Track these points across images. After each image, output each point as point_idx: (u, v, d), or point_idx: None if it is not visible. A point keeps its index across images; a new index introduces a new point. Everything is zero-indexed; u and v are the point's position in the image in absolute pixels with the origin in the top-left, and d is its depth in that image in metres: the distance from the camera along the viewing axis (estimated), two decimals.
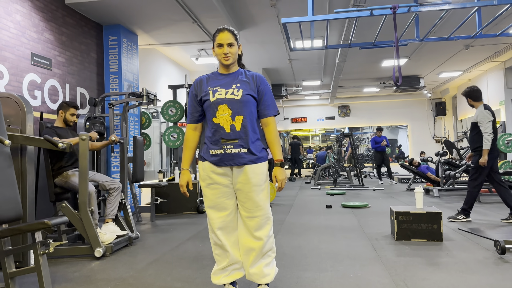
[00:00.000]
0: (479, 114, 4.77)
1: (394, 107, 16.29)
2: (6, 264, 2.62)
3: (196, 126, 2.38)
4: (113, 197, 3.98)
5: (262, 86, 2.30)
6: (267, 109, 2.31)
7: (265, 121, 2.33)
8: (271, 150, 2.32)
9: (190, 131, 2.37)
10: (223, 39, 2.22)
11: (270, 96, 2.32)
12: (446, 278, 2.73)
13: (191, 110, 2.35)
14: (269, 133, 2.32)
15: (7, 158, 2.77)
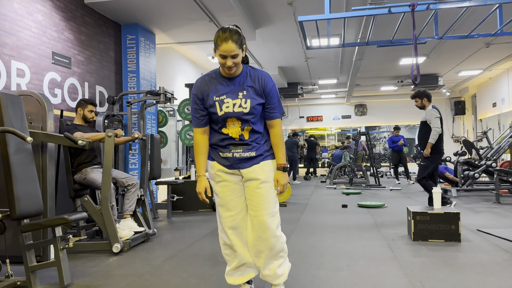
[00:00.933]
0: (427, 112, 5.19)
1: (412, 106, 16.01)
2: (27, 258, 2.69)
3: (204, 130, 2.28)
4: (131, 193, 4.04)
5: (268, 88, 2.20)
6: (273, 111, 2.23)
7: (270, 123, 2.27)
8: (275, 153, 2.27)
9: (199, 136, 2.28)
10: (227, 51, 2.04)
11: (276, 97, 2.23)
12: (463, 279, 2.69)
13: (197, 114, 2.24)
14: (274, 136, 2.26)
15: (29, 154, 2.84)
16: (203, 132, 2.28)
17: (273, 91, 2.22)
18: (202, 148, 2.27)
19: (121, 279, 2.88)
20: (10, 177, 2.63)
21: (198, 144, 2.27)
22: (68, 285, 2.74)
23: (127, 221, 3.96)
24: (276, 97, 2.23)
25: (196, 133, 2.29)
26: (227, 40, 2.02)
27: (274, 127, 2.26)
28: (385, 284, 2.63)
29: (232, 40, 2.03)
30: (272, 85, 2.21)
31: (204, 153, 2.29)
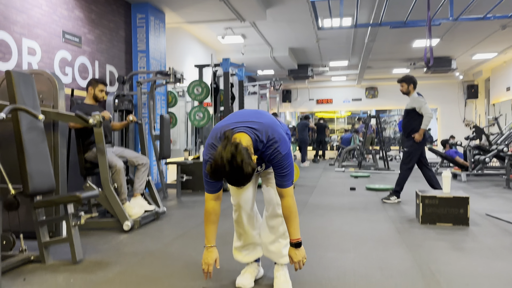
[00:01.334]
0: (415, 100, 5.14)
1: (424, 89, 15.80)
2: (41, 233, 2.76)
3: (217, 196, 2.07)
4: (141, 172, 4.09)
5: (277, 161, 1.98)
6: (283, 179, 2.01)
7: (280, 191, 2.04)
8: (287, 227, 2.05)
9: (211, 202, 2.06)
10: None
11: (287, 166, 1.99)
12: (471, 263, 2.70)
13: (209, 183, 2.04)
14: (285, 208, 2.03)
15: (41, 133, 2.87)
16: (216, 198, 2.08)
17: (284, 161, 1.99)
18: (212, 216, 2.08)
19: (132, 256, 2.94)
20: (23, 155, 2.67)
21: (209, 212, 2.07)
22: (80, 261, 2.80)
23: (137, 199, 4.02)
24: (287, 166, 2.00)
25: (208, 199, 2.08)
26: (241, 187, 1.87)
27: (285, 197, 2.02)
28: (392, 266, 2.65)
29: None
30: (281, 156, 1.97)
31: (215, 221, 2.09)
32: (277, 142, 1.97)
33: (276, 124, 2.07)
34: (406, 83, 5.26)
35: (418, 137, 5.04)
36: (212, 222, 2.07)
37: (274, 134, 1.98)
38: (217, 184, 2.03)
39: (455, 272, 2.52)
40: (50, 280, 2.44)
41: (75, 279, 2.45)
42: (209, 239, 2.08)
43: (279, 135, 1.99)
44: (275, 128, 2.02)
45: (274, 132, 1.99)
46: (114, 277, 2.49)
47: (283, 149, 1.98)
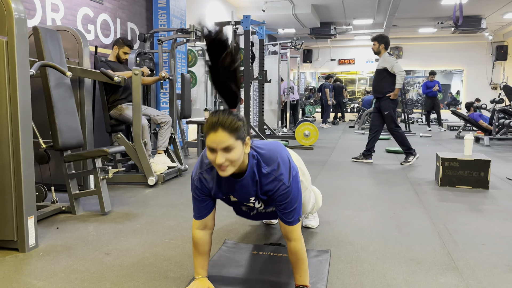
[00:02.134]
0: (386, 59, 5.15)
1: (451, 50, 15.28)
2: (71, 186, 2.90)
3: (206, 223, 1.72)
4: (164, 130, 4.18)
5: (281, 199, 1.60)
6: (287, 217, 1.62)
7: (284, 231, 1.64)
8: (294, 272, 1.67)
9: (197, 232, 1.72)
10: (216, 141, 1.42)
11: (292, 201, 1.61)
12: (488, 224, 2.73)
13: (197, 202, 1.71)
14: (292, 253, 1.63)
15: (68, 89, 2.95)
16: (202, 226, 1.72)
17: (288, 197, 1.60)
18: (202, 247, 1.73)
19: (157, 208, 3.08)
20: (52, 110, 2.77)
21: (196, 242, 1.72)
22: (109, 212, 2.95)
23: (160, 156, 4.13)
24: (293, 200, 1.61)
25: (194, 228, 1.73)
26: (215, 128, 1.42)
27: (291, 240, 1.62)
28: (409, 224, 2.70)
29: (223, 127, 1.41)
30: (285, 194, 1.59)
31: (205, 252, 1.74)
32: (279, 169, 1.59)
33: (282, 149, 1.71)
34: (378, 42, 5.25)
35: (393, 96, 5.10)
36: (200, 254, 1.73)
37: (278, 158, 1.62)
38: (205, 207, 1.70)
39: (472, 232, 2.56)
40: (82, 229, 2.59)
41: (104, 228, 2.60)
42: (198, 271, 1.75)
43: (282, 159, 1.62)
44: (281, 151, 1.67)
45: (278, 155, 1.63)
46: (141, 227, 2.63)
47: (287, 177, 1.59)
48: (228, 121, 1.41)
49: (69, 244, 2.32)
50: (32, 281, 1.84)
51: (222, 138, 1.41)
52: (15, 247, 2.19)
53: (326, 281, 1.84)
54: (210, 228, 1.75)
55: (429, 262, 2.08)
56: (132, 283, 1.84)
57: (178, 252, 2.21)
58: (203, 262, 1.75)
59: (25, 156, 2.18)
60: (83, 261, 2.07)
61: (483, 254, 2.20)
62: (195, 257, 1.75)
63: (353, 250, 2.24)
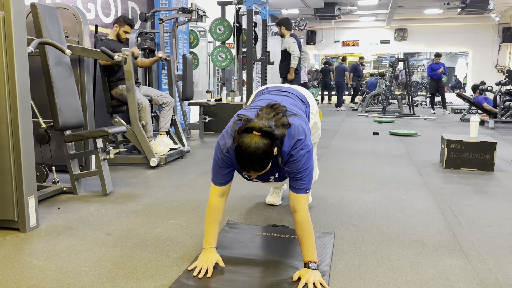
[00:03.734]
0: (285, 41, 5.54)
1: (456, 31, 15.02)
2: (72, 166, 2.87)
3: (224, 191, 1.76)
4: (166, 111, 4.13)
5: (294, 166, 1.64)
6: (299, 182, 1.65)
7: (292, 199, 1.67)
8: (300, 247, 1.67)
9: (216, 198, 1.75)
10: (251, 174, 1.61)
11: (305, 170, 1.64)
12: (493, 206, 2.70)
13: (219, 169, 1.73)
14: (298, 225, 1.64)
15: (68, 68, 2.90)
16: (221, 193, 1.76)
17: (300, 165, 1.63)
18: (215, 214, 1.75)
19: (159, 189, 3.06)
20: (52, 89, 2.72)
21: (212, 208, 1.75)
22: (110, 193, 2.94)
23: (162, 137, 4.10)
24: (304, 169, 1.64)
25: (211, 193, 1.76)
26: (248, 169, 1.54)
27: (297, 211, 1.64)
28: (413, 206, 2.67)
29: (255, 170, 1.54)
30: (298, 163, 1.63)
31: (218, 220, 1.77)
32: (303, 139, 1.64)
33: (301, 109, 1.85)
34: (279, 25, 5.65)
35: (289, 76, 5.39)
36: (213, 221, 1.76)
37: (301, 128, 1.66)
38: (227, 175, 1.73)
39: (477, 214, 2.53)
40: (83, 209, 2.57)
41: (106, 209, 2.58)
42: (208, 240, 1.76)
43: (304, 128, 1.68)
44: (302, 118, 1.76)
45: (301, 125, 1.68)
46: (143, 208, 2.61)
47: (306, 145, 1.64)
48: (260, 163, 1.51)
49: (70, 224, 2.30)
50: (33, 261, 1.83)
51: (256, 173, 1.58)
52: (16, 227, 2.18)
53: (330, 261, 1.82)
54: (226, 195, 1.80)
55: (434, 243, 2.06)
56: (134, 263, 1.82)
57: (180, 232, 2.19)
58: (214, 231, 1.77)
59: (24, 135, 2.15)
60: (84, 241, 2.06)
61: (489, 236, 2.17)
62: (208, 225, 1.77)
63: (357, 232, 2.22)
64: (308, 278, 1.58)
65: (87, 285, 1.62)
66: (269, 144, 1.50)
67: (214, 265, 1.70)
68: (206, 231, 1.77)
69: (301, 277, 1.60)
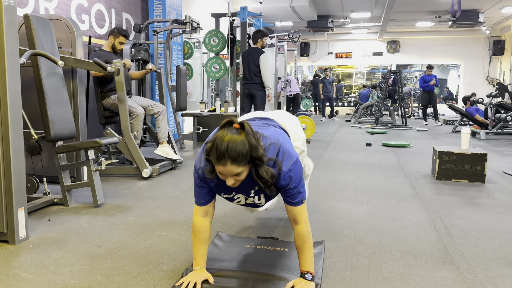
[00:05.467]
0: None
1: (448, 44, 15.24)
2: (63, 177, 2.85)
3: (207, 210, 1.72)
4: (160, 121, 4.14)
5: (285, 182, 1.59)
6: (291, 199, 1.62)
7: (290, 213, 1.65)
8: (298, 257, 1.66)
9: (198, 219, 1.71)
10: (225, 172, 1.47)
11: (295, 184, 1.60)
12: (484, 218, 2.71)
13: (201, 192, 1.70)
14: (298, 236, 1.63)
15: (60, 79, 2.90)
16: (204, 213, 1.72)
17: (290, 181, 1.58)
18: (202, 234, 1.71)
19: (151, 201, 3.04)
20: (44, 100, 2.71)
21: (197, 230, 1.71)
22: (102, 204, 2.92)
23: (164, 147, 4.15)
24: (295, 183, 1.59)
25: (194, 214, 1.73)
26: (224, 162, 1.44)
27: (298, 223, 1.63)
28: (405, 218, 2.68)
29: (232, 160, 1.43)
30: (286, 180, 1.58)
31: (205, 240, 1.72)
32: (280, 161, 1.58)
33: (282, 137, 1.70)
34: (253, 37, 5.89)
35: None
36: (200, 242, 1.72)
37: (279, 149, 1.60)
38: (207, 195, 1.70)
39: (468, 225, 2.54)
40: (74, 221, 2.55)
41: (97, 221, 2.56)
42: (197, 261, 1.72)
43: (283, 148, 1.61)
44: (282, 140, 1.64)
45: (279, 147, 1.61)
46: (134, 219, 2.59)
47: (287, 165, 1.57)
48: (236, 153, 1.42)
49: (60, 236, 2.28)
50: (21, 274, 1.81)
51: (231, 169, 1.45)
52: (5, 239, 2.15)
53: (321, 273, 1.81)
54: (210, 215, 1.75)
55: (425, 255, 2.06)
56: (124, 275, 1.80)
57: (171, 245, 2.18)
58: (202, 251, 1.73)
59: (15, 146, 2.14)
60: (74, 254, 2.04)
61: (479, 247, 2.18)
62: (195, 246, 1.73)
63: (348, 243, 2.22)
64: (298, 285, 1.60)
65: None
66: (248, 140, 1.45)
67: (203, 280, 1.68)
68: (194, 253, 1.74)
69: (295, 286, 1.61)
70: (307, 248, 1.64)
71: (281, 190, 1.63)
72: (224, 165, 1.44)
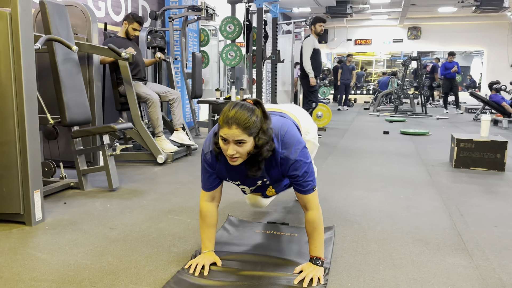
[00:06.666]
0: None
1: (470, 30, 14.78)
2: (79, 162, 2.91)
3: (214, 195, 1.76)
4: (175, 107, 4.16)
5: (295, 172, 1.61)
6: (301, 186, 1.63)
7: (301, 200, 1.67)
8: (309, 243, 1.68)
9: (206, 204, 1.75)
10: (229, 135, 1.47)
11: (302, 171, 1.60)
12: (501, 206, 2.65)
13: (208, 177, 1.74)
14: (308, 223, 1.65)
15: (76, 65, 2.93)
16: (211, 198, 1.76)
17: (298, 169, 1.60)
18: (208, 219, 1.75)
19: (165, 186, 3.08)
20: (59, 85, 2.76)
21: (204, 214, 1.75)
22: (117, 189, 2.96)
23: (179, 133, 4.17)
24: (303, 171, 1.60)
25: (201, 199, 1.77)
26: (230, 124, 1.46)
27: (308, 210, 1.64)
28: (419, 205, 2.64)
29: (238, 125, 1.45)
30: (294, 168, 1.60)
31: (213, 224, 1.76)
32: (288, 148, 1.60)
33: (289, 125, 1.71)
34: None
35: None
36: (208, 226, 1.75)
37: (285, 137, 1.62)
38: (214, 180, 1.73)
39: (484, 213, 2.49)
40: (89, 204, 2.60)
41: (111, 204, 2.61)
42: (206, 244, 1.76)
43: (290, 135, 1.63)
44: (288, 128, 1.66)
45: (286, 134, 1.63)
46: (148, 203, 2.63)
47: (294, 153, 1.60)
48: (243, 119, 1.46)
49: (75, 219, 2.33)
50: (36, 254, 1.86)
51: (236, 133, 1.46)
52: (22, 220, 2.21)
53: (330, 258, 1.80)
54: (217, 200, 1.78)
55: (438, 242, 2.03)
56: (135, 257, 1.83)
57: (183, 228, 2.20)
58: (210, 235, 1.77)
59: (30, 130, 2.18)
60: (88, 235, 2.08)
61: (495, 235, 2.13)
62: (203, 230, 1.77)
63: (360, 230, 2.20)
64: (309, 273, 1.60)
65: (87, 278, 1.64)
66: (258, 113, 1.51)
67: (211, 263, 1.70)
68: (202, 237, 1.77)
69: (303, 270, 1.63)
70: (317, 234, 1.65)
71: (291, 178, 1.64)
72: (230, 127, 1.45)
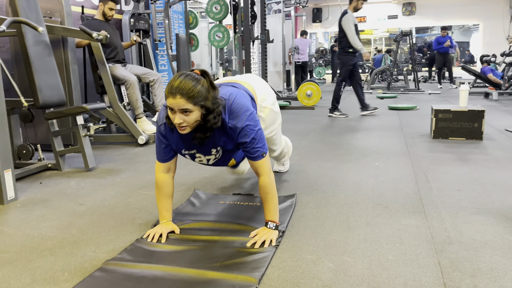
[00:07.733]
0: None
1: (465, 3, 14.59)
2: (55, 143, 2.95)
3: (168, 167, 1.78)
4: (156, 89, 4.19)
5: (243, 139, 1.64)
6: (250, 153, 1.67)
7: (253, 167, 1.71)
8: (264, 208, 1.73)
9: (161, 175, 1.78)
10: (174, 104, 1.49)
11: (252, 140, 1.64)
12: (469, 172, 2.68)
13: (163, 149, 1.76)
14: (261, 188, 1.69)
15: (46, 47, 2.95)
16: (166, 170, 1.78)
17: (250, 138, 1.64)
18: (164, 189, 1.78)
19: (142, 164, 3.13)
20: (31, 68, 2.78)
21: (160, 185, 1.77)
22: (93, 168, 3.02)
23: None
24: (251, 137, 1.64)
25: (157, 170, 1.79)
26: (174, 94, 1.47)
27: (260, 175, 1.69)
28: (388, 173, 2.68)
29: (182, 95, 1.46)
30: (249, 134, 1.63)
31: (169, 195, 1.79)
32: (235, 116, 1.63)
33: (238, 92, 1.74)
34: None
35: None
36: (164, 196, 1.79)
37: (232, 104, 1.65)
38: (168, 152, 1.76)
39: (451, 179, 2.52)
40: (64, 183, 2.66)
41: (85, 183, 2.66)
42: (163, 215, 1.79)
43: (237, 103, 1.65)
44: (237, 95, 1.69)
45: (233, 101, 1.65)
46: (121, 181, 2.68)
47: (242, 120, 1.63)
48: (187, 89, 1.47)
49: (47, 197, 2.39)
50: (4, 229, 1.91)
51: (180, 103, 1.48)
52: None
53: (287, 223, 1.85)
54: (173, 171, 1.82)
55: (397, 206, 2.07)
56: (98, 228, 1.89)
57: (151, 202, 2.25)
58: (167, 205, 1.81)
59: None
60: (57, 211, 2.14)
61: (455, 198, 2.17)
62: (159, 201, 1.81)
63: (324, 197, 2.24)
64: (262, 235, 1.66)
65: (48, 248, 1.69)
66: (204, 83, 1.53)
67: (169, 231, 1.75)
68: (159, 207, 1.81)
69: (257, 234, 1.68)
70: (270, 199, 1.70)
71: (241, 145, 1.68)
72: (174, 96, 1.47)
